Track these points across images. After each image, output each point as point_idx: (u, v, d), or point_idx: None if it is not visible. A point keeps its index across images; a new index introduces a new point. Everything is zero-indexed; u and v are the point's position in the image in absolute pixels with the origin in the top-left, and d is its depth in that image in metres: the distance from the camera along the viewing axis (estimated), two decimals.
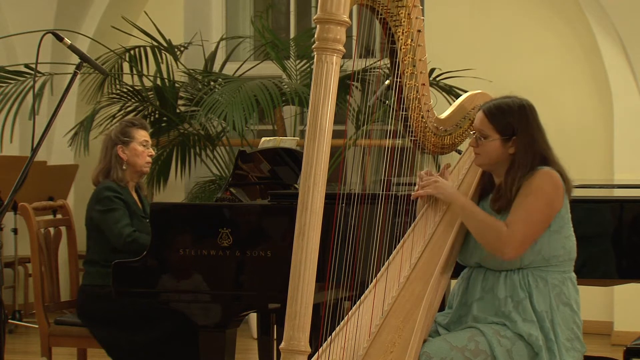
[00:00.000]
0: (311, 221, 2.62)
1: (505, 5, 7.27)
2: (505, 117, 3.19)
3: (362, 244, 3.20)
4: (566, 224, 3.20)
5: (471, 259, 3.26)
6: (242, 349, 5.70)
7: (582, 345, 3.18)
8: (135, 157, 4.43)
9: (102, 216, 4.29)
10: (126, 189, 4.42)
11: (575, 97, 7.12)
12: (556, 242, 3.16)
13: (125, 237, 4.23)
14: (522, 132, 3.18)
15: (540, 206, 3.12)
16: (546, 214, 3.13)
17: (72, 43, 3.34)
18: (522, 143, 3.17)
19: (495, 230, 3.12)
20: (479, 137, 3.21)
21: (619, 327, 6.73)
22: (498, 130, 3.18)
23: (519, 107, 3.21)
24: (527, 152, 3.17)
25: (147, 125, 4.60)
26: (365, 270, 3.26)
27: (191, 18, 8.00)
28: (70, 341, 4.43)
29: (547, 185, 3.14)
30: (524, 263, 3.15)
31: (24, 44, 7.18)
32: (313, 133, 2.62)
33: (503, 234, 3.10)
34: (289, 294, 2.63)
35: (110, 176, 4.40)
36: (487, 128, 3.20)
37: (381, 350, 3.00)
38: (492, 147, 3.19)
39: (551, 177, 3.15)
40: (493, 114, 3.20)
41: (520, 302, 3.13)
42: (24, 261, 7.30)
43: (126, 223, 4.27)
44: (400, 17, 3.13)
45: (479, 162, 3.28)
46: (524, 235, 3.10)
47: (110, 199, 4.31)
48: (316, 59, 2.62)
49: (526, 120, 3.20)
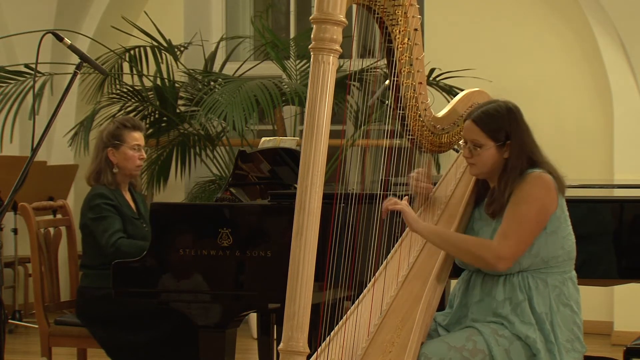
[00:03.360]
0: (309, 221, 2.62)
1: (505, 5, 7.27)
2: (497, 122, 3.14)
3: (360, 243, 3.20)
4: (562, 223, 3.16)
5: (470, 265, 3.25)
6: (242, 349, 5.70)
7: (582, 345, 3.17)
8: (125, 161, 4.37)
9: (92, 223, 4.28)
10: (118, 191, 4.38)
11: (575, 97, 7.12)
12: (554, 243, 3.14)
13: (110, 246, 4.18)
14: (514, 136, 3.15)
15: (532, 214, 3.08)
16: (539, 220, 3.10)
17: (72, 43, 3.34)
18: (515, 146, 3.14)
19: (483, 246, 3.10)
20: (473, 147, 3.17)
21: (619, 327, 6.73)
22: (492, 137, 3.14)
23: (508, 111, 3.17)
24: (520, 155, 3.14)
25: (142, 126, 4.51)
26: (363, 270, 3.26)
27: (191, 18, 8.00)
28: (70, 341, 4.43)
29: (539, 190, 3.10)
30: (523, 267, 3.14)
31: (24, 44, 7.17)
32: (310, 133, 2.62)
33: (492, 248, 3.08)
34: (287, 294, 2.63)
35: (101, 179, 4.36)
36: (480, 137, 3.15)
37: (380, 350, 3.00)
38: (488, 155, 3.15)
39: (542, 181, 3.11)
40: (484, 121, 3.15)
41: (518, 305, 3.11)
42: (24, 261, 7.30)
43: (114, 230, 4.22)
44: (397, 16, 3.13)
45: (474, 172, 3.24)
46: (516, 245, 3.07)
47: (100, 206, 4.26)
48: (313, 59, 2.62)
49: (516, 122, 3.17)
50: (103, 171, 4.37)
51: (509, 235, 3.07)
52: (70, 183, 7.24)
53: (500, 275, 3.16)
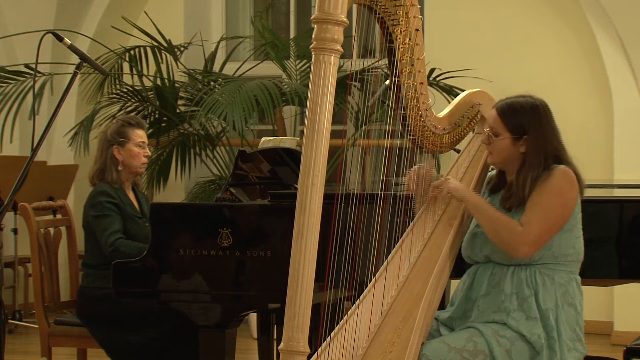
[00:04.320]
0: (309, 222, 2.61)
1: (505, 5, 7.27)
2: (517, 116, 3.21)
3: (361, 243, 3.20)
4: (577, 223, 3.22)
5: (481, 253, 3.26)
6: (242, 349, 5.70)
7: (583, 347, 3.18)
8: (130, 158, 4.39)
9: (94, 220, 4.28)
10: (121, 190, 4.39)
11: (575, 97, 7.12)
12: (567, 241, 3.18)
13: (108, 246, 4.19)
14: (533, 132, 3.20)
15: (557, 205, 3.13)
16: (562, 212, 3.15)
17: (72, 43, 3.33)
18: (533, 143, 3.19)
19: (509, 228, 3.13)
20: (491, 135, 3.24)
21: (619, 327, 6.74)
22: (509, 129, 3.21)
23: (531, 107, 3.23)
24: (539, 152, 3.19)
25: (144, 124, 4.54)
26: (364, 270, 3.26)
27: (191, 18, 8.00)
28: (70, 341, 4.43)
29: (565, 183, 3.16)
30: (533, 259, 3.16)
31: (24, 44, 7.18)
32: (311, 133, 2.62)
33: (517, 232, 3.11)
34: (287, 295, 2.63)
35: (105, 178, 4.36)
36: (499, 126, 3.22)
37: (380, 350, 3.00)
38: (503, 145, 3.21)
39: (569, 176, 3.17)
40: (505, 112, 3.22)
41: (525, 300, 3.13)
42: (24, 261, 7.30)
43: (114, 230, 4.22)
44: (398, 16, 3.13)
45: (491, 161, 3.30)
46: (540, 233, 3.11)
47: (102, 204, 4.27)
48: (314, 59, 2.62)
49: (538, 120, 3.22)
50: (108, 169, 4.37)
51: (534, 223, 3.11)
52: (70, 183, 7.24)
53: (508, 267, 3.18)
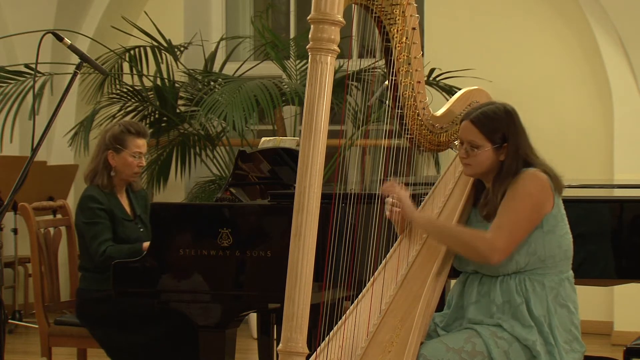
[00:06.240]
0: (307, 222, 2.62)
1: (505, 5, 7.27)
2: (495, 124, 3.14)
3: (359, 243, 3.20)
4: (560, 222, 3.16)
5: (467, 266, 3.24)
6: (242, 349, 5.70)
7: (581, 345, 3.16)
8: (123, 166, 4.35)
9: (84, 227, 4.28)
10: (111, 194, 4.37)
11: (575, 97, 7.11)
12: (551, 242, 3.14)
13: (99, 256, 4.19)
14: (511, 138, 3.14)
15: (526, 209, 3.09)
16: (532, 216, 3.10)
17: (72, 43, 3.34)
18: (512, 149, 3.14)
19: (476, 237, 3.11)
20: (470, 148, 3.17)
21: (619, 327, 6.73)
22: (489, 138, 3.14)
23: (506, 113, 3.17)
24: (517, 158, 3.14)
25: (146, 132, 4.47)
26: (362, 270, 3.26)
27: (191, 18, 8.00)
28: (70, 341, 4.43)
29: (533, 187, 3.10)
30: (520, 266, 3.13)
31: (24, 44, 7.17)
32: (308, 133, 2.62)
33: (486, 240, 3.08)
34: (286, 294, 2.63)
35: (95, 180, 4.35)
36: (478, 138, 3.14)
37: (379, 350, 3.00)
38: (485, 156, 3.15)
39: (537, 179, 3.11)
40: (482, 122, 3.14)
41: (517, 308, 3.11)
42: (24, 261, 7.30)
43: (103, 240, 4.22)
44: (395, 15, 3.13)
45: (469, 173, 3.24)
46: (509, 238, 3.07)
47: (92, 210, 4.26)
48: (310, 59, 2.62)
49: (514, 125, 3.16)
50: (99, 173, 4.36)
51: (503, 227, 3.07)
52: (70, 183, 7.24)
53: (497, 277, 3.16)
